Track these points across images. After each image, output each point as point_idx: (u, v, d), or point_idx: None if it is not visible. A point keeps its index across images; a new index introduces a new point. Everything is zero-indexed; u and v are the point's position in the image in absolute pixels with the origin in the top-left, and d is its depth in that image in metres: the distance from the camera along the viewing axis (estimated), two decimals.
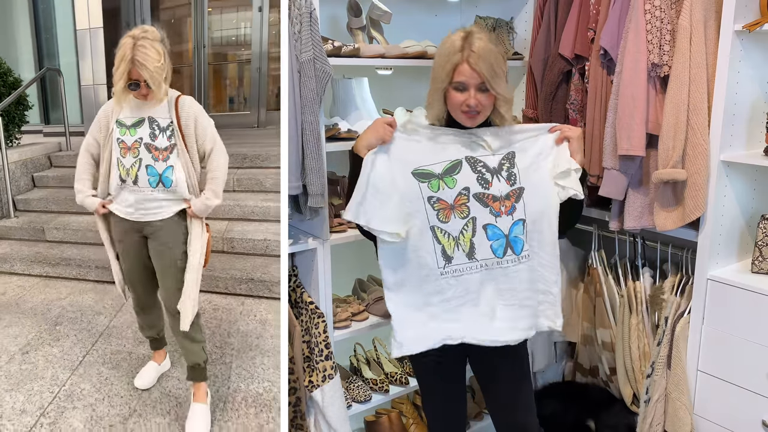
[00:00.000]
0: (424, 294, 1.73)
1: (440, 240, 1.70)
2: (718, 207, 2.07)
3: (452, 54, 1.63)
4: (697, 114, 1.99)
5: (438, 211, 1.69)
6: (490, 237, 1.70)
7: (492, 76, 1.62)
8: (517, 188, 1.72)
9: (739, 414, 2.08)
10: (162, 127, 1.91)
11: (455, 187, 1.69)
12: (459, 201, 1.69)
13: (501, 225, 1.71)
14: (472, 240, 1.70)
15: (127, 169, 1.91)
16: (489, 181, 1.70)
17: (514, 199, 1.71)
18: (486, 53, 1.62)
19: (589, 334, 2.61)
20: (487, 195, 1.70)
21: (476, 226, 1.70)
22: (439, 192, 1.69)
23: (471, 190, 1.69)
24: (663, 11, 2.03)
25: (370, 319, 2.44)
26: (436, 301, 1.73)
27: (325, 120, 2.15)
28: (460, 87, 1.65)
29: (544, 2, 2.48)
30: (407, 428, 2.68)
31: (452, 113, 1.71)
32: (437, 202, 1.69)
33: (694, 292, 2.16)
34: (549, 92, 2.44)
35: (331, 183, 2.40)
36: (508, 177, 1.72)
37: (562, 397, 2.65)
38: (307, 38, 1.95)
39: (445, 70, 1.65)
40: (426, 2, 2.84)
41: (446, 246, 1.70)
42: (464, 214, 1.69)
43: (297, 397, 2.16)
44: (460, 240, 1.70)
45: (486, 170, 1.71)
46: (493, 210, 1.70)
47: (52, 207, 3.95)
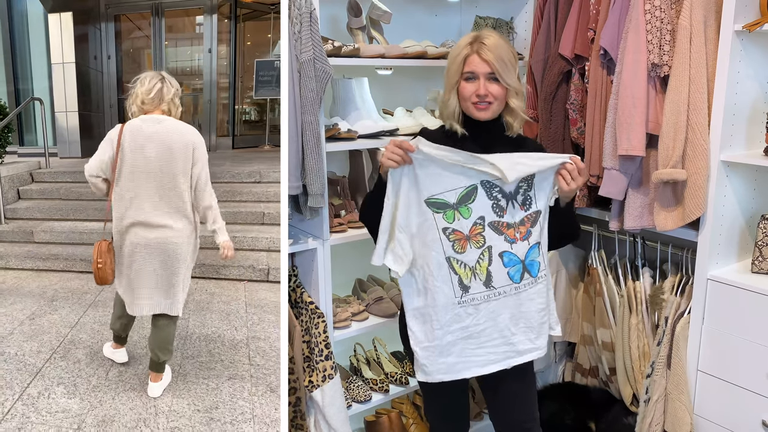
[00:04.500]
0: (443, 323, 1.71)
1: (456, 271, 1.68)
2: (718, 207, 2.07)
3: (462, 48, 1.68)
4: (697, 114, 1.99)
5: (453, 242, 1.67)
6: (507, 264, 1.69)
7: (502, 66, 1.65)
8: (533, 212, 1.70)
9: (739, 414, 2.08)
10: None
11: (470, 217, 1.67)
12: (474, 231, 1.68)
13: (517, 251, 1.70)
14: (489, 269, 1.68)
15: None
16: (504, 208, 1.68)
17: (529, 224, 1.70)
18: (496, 46, 1.66)
19: (588, 334, 2.61)
20: (502, 223, 1.68)
21: (492, 255, 1.68)
22: (454, 223, 1.67)
23: (486, 219, 1.67)
24: (663, 11, 2.03)
25: (370, 319, 2.44)
26: (456, 329, 1.72)
27: (325, 120, 2.15)
28: (470, 77, 1.67)
29: (544, 2, 2.48)
30: (407, 428, 2.68)
31: (464, 107, 1.72)
32: (453, 233, 1.67)
33: (694, 292, 2.16)
34: (549, 92, 2.44)
35: (331, 183, 2.40)
36: (524, 201, 1.69)
37: (562, 398, 2.65)
38: (307, 38, 1.95)
39: (456, 63, 1.69)
40: (426, 2, 2.84)
41: (463, 276, 1.69)
42: (480, 244, 1.68)
43: (297, 397, 2.16)
44: (477, 269, 1.69)
45: (502, 196, 1.68)
46: (508, 237, 1.69)
47: (37, 215, 4.51)
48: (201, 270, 3.72)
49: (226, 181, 4.77)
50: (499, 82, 1.67)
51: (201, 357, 2.65)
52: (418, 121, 2.45)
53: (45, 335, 2.82)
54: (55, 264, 3.85)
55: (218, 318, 3.12)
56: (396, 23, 2.48)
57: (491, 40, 1.66)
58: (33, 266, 3.88)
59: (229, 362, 2.61)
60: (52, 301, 3.31)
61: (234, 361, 2.62)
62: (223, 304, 3.34)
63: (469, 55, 1.67)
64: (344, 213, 2.37)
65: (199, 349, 2.73)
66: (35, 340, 2.76)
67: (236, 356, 2.67)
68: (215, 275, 3.77)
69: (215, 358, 2.64)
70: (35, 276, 3.76)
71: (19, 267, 3.90)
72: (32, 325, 2.94)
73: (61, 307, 3.20)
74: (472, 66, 1.67)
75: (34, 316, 3.06)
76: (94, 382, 2.39)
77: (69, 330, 2.88)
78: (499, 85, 1.67)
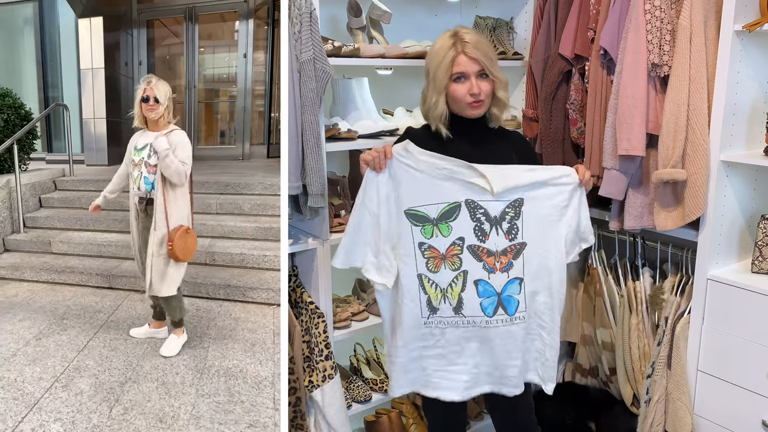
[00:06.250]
0: (411, 339, 1.67)
1: (426, 290, 1.62)
2: (718, 207, 2.07)
3: (447, 50, 1.67)
4: (697, 114, 1.99)
5: (428, 260, 1.61)
6: (481, 294, 1.61)
7: (489, 62, 1.66)
8: (517, 243, 1.62)
9: (739, 414, 2.08)
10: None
11: (449, 236, 1.60)
12: (452, 251, 1.61)
13: (494, 282, 1.61)
14: (461, 295, 1.61)
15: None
16: (486, 233, 1.61)
17: (511, 256, 1.62)
18: (478, 42, 1.67)
19: (588, 334, 2.61)
20: (482, 249, 1.61)
21: (467, 281, 1.61)
22: (431, 239, 1.60)
23: (465, 241, 1.60)
24: (663, 11, 2.03)
25: (370, 319, 2.44)
26: (420, 347, 1.67)
27: (325, 120, 2.15)
28: (461, 77, 1.67)
29: (544, 2, 2.48)
30: (407, 428, 2.68)
31: (456, 108, 1.72)
32: (428, 249, 1.61)
33: (694, 292, 2.16)
34: (549, 92, 2.44)
35: (331, 183, 2.40)
36: (509, 230, 1.61)
37: (563, 398, 2.65)
38: (307, 38, 1.95)
39: (443, 66, 1.67)
40: (426, 2, 2.84)
41: (432, 297, 1.63)
42: (455, 266, 1.61)
43: (297, 397, 2.16)
44: (448, 293, 1.62)
45: (486, 219, 1.61)
46: (487, 265, 1.61)
47: (57, 224, 4.44)
48: (226, 291, 3.48)
49: (257, 194, 4.61)
50: (488, 77, 1.68)
51: (219, 396, 2.35)
52: (418, 121, 2.45)
53: (49, 359, 2.65)
54: (71, 277, 3.75)
55: (241, 349, 2.80)
56: (396, 23, 2.48)
57: (471, 37, 1.67)
58: (48, 279, 3.79)
59: (250, 405, 2.28)
60: (62, 319, 3.15)
61: (256, 404, 2.29)
62: (248, 332, 3.02)
63: (456, 56, 1.66)
64: (344, 213, 2.37)
65: (218, 386, 2.43)
66: (38, 365, 2.59)
67: (259, 398, 2.34)
68: (241, 298, 3.46)
69: (235, 399, 2.33)
70: (49, 290, 3.65)
71: (34, 279, 3.81)
72: (37, 347, 2.78)
73: (70, 327, 3.03)
74: (462, 66, 1.66)
75: (41, 336, 2.91)
76: (95, 420, 2.14)
77: (75, 354, 2.70)
78: (488, 80, 1.68)
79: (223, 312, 3.30)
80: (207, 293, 3.51)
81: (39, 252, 4.15)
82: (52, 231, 4.37)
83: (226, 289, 3.48)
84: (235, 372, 2.56)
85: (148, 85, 2.55)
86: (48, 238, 4.17)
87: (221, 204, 4.41)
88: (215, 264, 3.79)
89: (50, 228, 4.41)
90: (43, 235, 4.26)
